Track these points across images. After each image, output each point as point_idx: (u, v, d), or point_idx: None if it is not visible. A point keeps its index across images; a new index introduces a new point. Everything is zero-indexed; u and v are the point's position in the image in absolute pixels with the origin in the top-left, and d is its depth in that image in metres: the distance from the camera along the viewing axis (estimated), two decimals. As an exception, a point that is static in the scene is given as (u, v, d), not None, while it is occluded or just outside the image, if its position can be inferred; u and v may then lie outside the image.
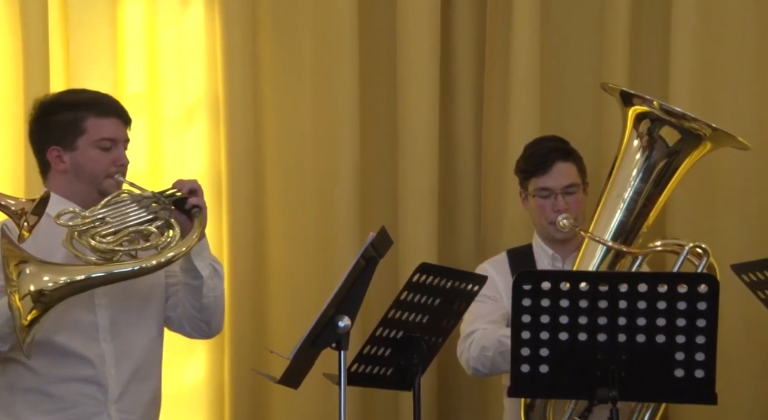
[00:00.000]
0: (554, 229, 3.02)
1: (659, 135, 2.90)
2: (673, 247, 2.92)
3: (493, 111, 3.49)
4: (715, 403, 2.51)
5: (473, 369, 2.98)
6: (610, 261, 2.93)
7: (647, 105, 2.91)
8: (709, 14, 3.33)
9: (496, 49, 3.49)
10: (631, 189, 2.91)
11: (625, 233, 2.92)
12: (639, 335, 2.50)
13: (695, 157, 2.91)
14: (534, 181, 3.05)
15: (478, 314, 2.93)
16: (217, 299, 2.67)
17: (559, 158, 3.04)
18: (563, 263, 3.08)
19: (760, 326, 3.17)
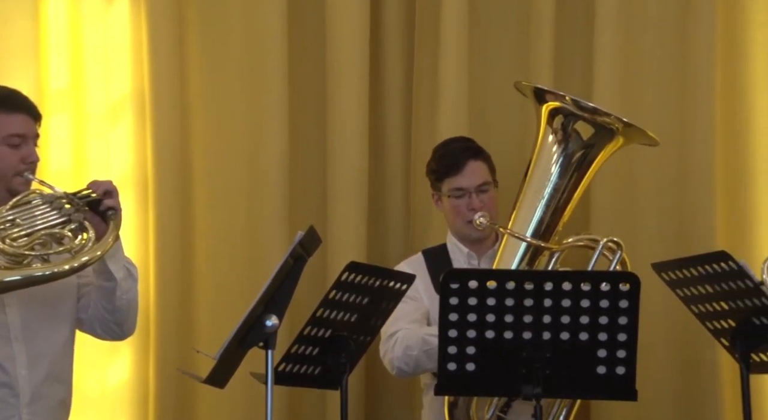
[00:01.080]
0: (471, 228, 3.05)
1: (574, 129, 2.94)
2: (588, 242, 2.96)
3: (422, 110, 3.51)
4: (635, 400, 2.56)
5: (397, 369, 2.99)
6: (530, 257, 2.96)
7: (560, 101, 2.96)
8: (631, 12, 3.39)
9: (425, 49, 3.51)
10: (548, 184, 2.95)
11: (544, 229, 2.96)
12: (563, 333, 2.53)
13: (609, 151, 2.96)
14: (448, 181, 3.08)
15: (399, 314, 2.94)
16: (130, 302, 2.64)
17: (471, 157, 3.07)
18: (479, 261, 3.11)
19: (679, 323, 3.23)
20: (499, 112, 3.52)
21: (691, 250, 3.11)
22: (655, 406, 3.24)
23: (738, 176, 3.33)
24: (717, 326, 2.68)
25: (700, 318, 2.71)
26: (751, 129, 3.33)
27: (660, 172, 3.34)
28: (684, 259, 2.68)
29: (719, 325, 2.67)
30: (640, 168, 3.33)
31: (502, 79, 3.50)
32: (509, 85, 3.34)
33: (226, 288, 3.40)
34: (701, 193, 3.31)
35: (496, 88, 3.52)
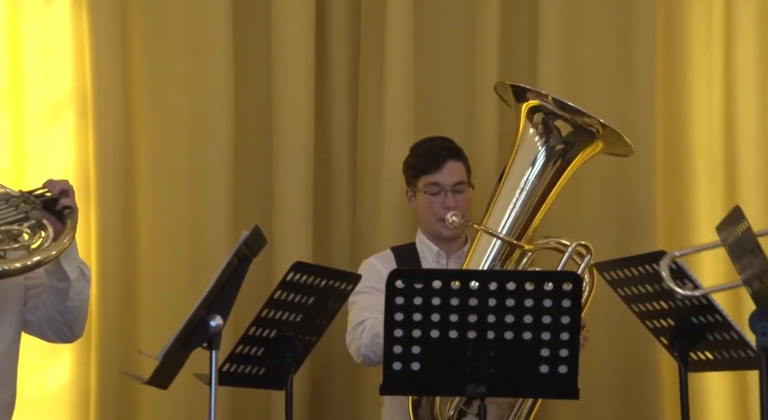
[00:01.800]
0: (443, 225, 3.07)
1: (554, 125, 2.97)
2: (558, 245, 2.99)
3: (368, 111, 3.51)
4: (577, 398, 2.59)
5: (364, 356, 2.99)
6: (503, 255, 2.98)
7: (541, 99, 2.98)
8: (574, 10, 3.43)
9: (371, 50, 3.51)
10: (526, 182, 2.98)
11: (518, 228, 2.98)
12: (507, 332, 2.56)
13: (587, 155, 3.00)
14: (425, 178, 3.10)
15: (368, 305, 2.95)
16: (82, 303, 2.61)
17: (451, 157, 3.10)
18: (448, 261, 3.13)
19: (620, 323, 3.28)
20: (444, 113, 3.54)
21: (633, 249, 3.16)
22: (596, 404, 3.29)
23: (678, 177, 3.39)
24: (657, 325, 2.72)
25: (641, 317, 2.75)
26: (690, 130, 3.39)
27: (603, 173, 3.39)
28: (624, 259, 2.73)
29: (659, 324, 2.71)
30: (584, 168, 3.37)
31: (447, 80, 3.52)
32: (455, 85, 3.38)
33: (170, 288, 3.37)
34: (642, 193, 3.36)
35: (442, 89, 3.54)
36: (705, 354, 2.68)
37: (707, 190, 3.35)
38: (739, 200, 3.23)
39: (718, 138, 3.36)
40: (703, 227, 3.30)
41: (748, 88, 3.32)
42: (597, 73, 3.43)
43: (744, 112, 3.33)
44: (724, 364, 2.67)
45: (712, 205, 3.33)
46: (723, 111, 3.36)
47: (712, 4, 3.37)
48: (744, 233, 2.28)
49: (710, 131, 3.37)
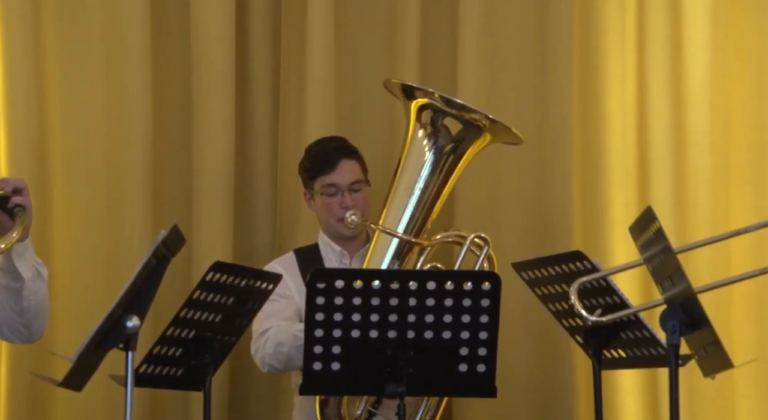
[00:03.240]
0: (342, 225, 3.07)
1: (443, 124, 3.01)
2: (456, 238, 3.03)
3: (290, 109, 3.50)
4: (495, 396, 2.63)
5: (269, 366, 2.98)
6: (401, 253, 3.00)
7: (429, 97, 3.01)
8: (493, 15, 3.47)
9: (291, 50, 3.50)
10: (419, 180, 3.01)
11: (414, 225, 3.01)
12: (427, 332, 2.58)
13: (477, 148, 3.03)
14: (320, 179, 3.10)
15: (270, 312, 2.94)
16: (39, 303, 2.55)
17: (345, 156, 3.10)
18: (350, 260, 3.14)
19: (537, 322, 3.33)
20: (367, 110, 3.55)
21: (549, 249, 3.21)
22: (513, 402, 3.33)
23: (593, 177, 3.45)
24: (572, 324, 2.78)
25: (557, 316, 2.80)
26: (605, 131, 3.46)
27: (521, 172, 3.44)
28: (541, 259, 2.77)
29: (574, 323, 2.77)
30: (503, 167, 3.42)
31: (368, 78, 3.53)
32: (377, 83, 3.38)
33: (86, 289, 3.31)
34: (559, 193, 3.42)
35: (364, 86, 3.54)
36: (618, 352, 2.74)
37: (621, 190, 3.42)
38: (651, 200, 3.31)
39: (632, 139, 3.44)
40: (617, 227, 3.37)
41: (659, 90, 3.41)
42: (515, 75, 3.48)
43: (656, 114, 3.41)
44: (636, 361, 2.74)
45: (625, 205, 3.40)
46: (636, 112, 3.43)
47: (625, 10, 3.44)
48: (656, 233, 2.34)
49: (624, 132, 3.45)
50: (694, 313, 2.26)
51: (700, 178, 3.35)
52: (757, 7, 3.36)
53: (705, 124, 3.36)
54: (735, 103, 3.38)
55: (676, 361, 2.27)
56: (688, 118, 3.38)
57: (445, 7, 3.53)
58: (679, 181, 3.37)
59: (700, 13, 3.36)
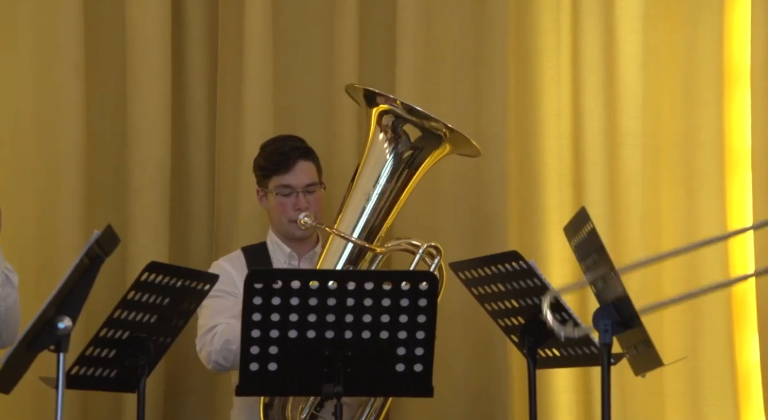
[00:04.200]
0: (295, 226, 3.06)
1: (403, 130, 3.01)
2: (409, 246, 3.04)
3: (227, 108, 3.48)
4: (431, 396, 2.64)
5: (214, 362, 2.96)
6: (354, 258, 3.01)
7: (390, 104, 3.02)
8: (430, 17, 3.49)
9: (229, 46, 3.48)
10: (376, 185, 3.01)
11: (369, 231, 3.01)
12: (364, 332, 2.58)
13: (436, 157, 3.05)
14: (275, 179, 3.09)
15: (218, 309, 2.92)
16: (8, 309, 2.52)
17: (301, 157, 3.09)
18: (299, 262, 3.13)
19: (474, 321, 3.36)
20: (303, 112, 3.54)
21: (486, 249, 3.24)
22: (449, 401, 3.35)
23: (529, 179, 3.49)
24: (508, 323, 2.80)
25: (493, 316, 2.83)
26: (540, 133, 3.49)
27: (458, 173, 3.46)
28: (478, 259, 2.80)
29: (510, 323, 2.80)
30: (440, 169, 3.44)
31: (306, 79, 3.52)
32: (315, 82, 3.38)
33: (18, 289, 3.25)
34: (495, 194, 3.44)
35: (301, 88, 3.54)
36: (552, 351, 2.78)
37: (556, 191, 3.47)
38: (585, 201, 3.35)
39: (566, 141, 3.48)
40: (552, 228, 3.41)
41: (593, 93, 3.45)
42: (452, 76, 3.50)
43: (589, 116, 3.45)
44: (570, 360, 2.77)
45: (560, 206, 3.45)
46: (570, 115, 3.48)
47: (560, 12, 3.49)
48: (589, 234, 2.38)
49: (558, 134, 3.49)
50: (625, 313, 2.30)
51: (632, 180, 3.41)
52: (688, 9, 3.43)
53: (637, 126, 3.42)
54: (666, 105, 3.44)
55: (609, 359, 2.31)
56: (621, 120, 3.43)
57: (383, 7, 3.54)
58: (612, 183, 3.42)
59: (632, 16, 3.41)
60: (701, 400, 3.34)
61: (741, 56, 3.40)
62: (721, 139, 3.39)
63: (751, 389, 3.34)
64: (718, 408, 3.33)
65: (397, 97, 3.03)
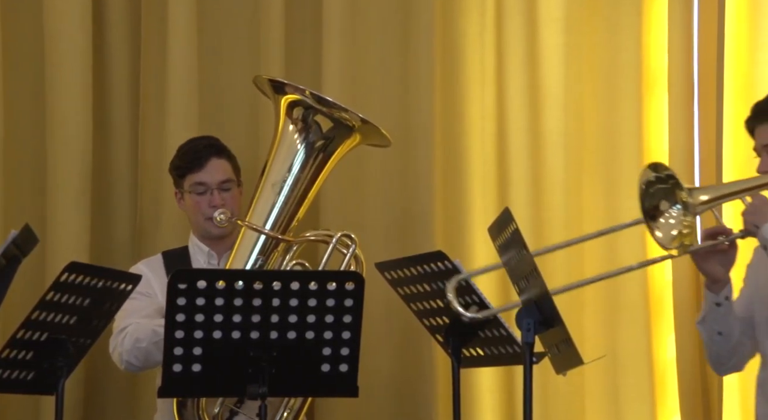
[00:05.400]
0: (211, 224, 3.05)
1: (314, 120, 3.01)
2: (324, 237, 3.03)
3: (150, 108, 3.44)
4: (356, 396, 2.64)
5: (126, 362, 2.93)
6: (267, 249, 2.98)
7: (299, 93, 3.01)
8: (356, 15, 3.49)
9: (152, 45, 3.44)
10: (287, 176, 3.00)
11: (282, 222, 3.00)
12: (290, 332, 2.57)
13: (346, 148, 3.04)
14: (190, 177, 3.07)
15: (131, 310, 2.89)
16: None
17: (214, 154, 3.08)
18: (219, 261, 3.11)
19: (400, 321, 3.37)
20: (229, 110, 3.51)
21: (412, 249, 3.25)
22: (375, 401, 3.36)
23: (455, 179, 3.51)
24: (433, 323, 2.82)
25: (418, 315, 2.84)
26: (466, 133, 3.52)
27: (384, 172, 3.47)
28: (404, 259, 2.81)
29: (435, 322, 2.81)
30: (367, 167, 3.44)
31: (233, 76, 3.49)
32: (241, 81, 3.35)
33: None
34: (422, 193, 3.46)
35: (227, 86, 3.51)
36: (477, 350, 2.80)
37: (481, 191, 3.50)
38: (509, 202, 3.40)
39: (491, 141, 3.52)
40: (477, 228, 3.44)
41: (516, 93, 3.49)
42: (378, 75, 3.51)
43: (513, 116, 3.49)
44: (494, 359, 2.80)
45: (485, 206, 3.48)
46: (494, 115, 3.51)
47: (484, 13, 3.52)
48: (513, 234, 2.41)
49: (483, 134, 3.52)
50: (548, 312, 2.33)
51: (555, 180, 3.46)
52: (608, 13, 3.49)
53: (559, 127, 3.47)
54: (588, 106, 3.50)
55: (531, 358, 2.34)
56: (544, 120, 3.48)
57: (309, 6, 3.53)
58: (536, 183, 3.47)
59: (554, 18, 3.45)
60: (620, 398, 3.41)
61: (659, 60, 3.48)
62: (640, 140, 3.46)
63: (666, 386, 3.43)
64: (635, 405, 3.40)
65: (306, 87, 3.02)
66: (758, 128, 2.63)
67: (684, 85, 3.43)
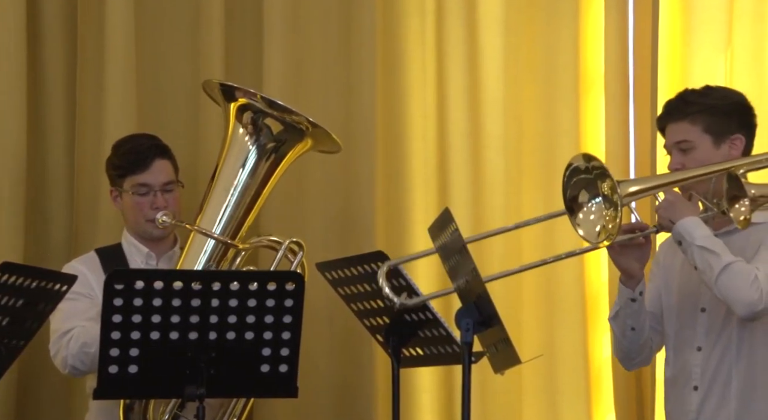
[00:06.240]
0: (152, 226, 3.01)
1: (264, 123, 2.99)
2: (271, 242, 3.02)
3: (87, 108, 3.39)
4: (296, 396, 2.64)
5: (71, 367, 2.89)
6: (217, 255, 2.96)
7: (249, 98, 3.00)
8: (297, 17, 3.48)
9: (89, 43, 3.38)
10: (238, 181, 2.98)
11: (231, 227, 2.98)
12: (229, 333, 2.56)
13: (298, 151, 3.04)
14: (131, 178, 3.03)
15: (73, 312, 2.85)
16: None
17: (158, 155, 3.04)
18: (157, 261, 3.07)
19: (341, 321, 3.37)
20: (169, 111, 3.47)
21: (353, 249, 3.26)
22: (314, 401, 3.35)
23: (396, 179, 3.52)
24: (373, 323, 2.83)
25: (359, 315, 2.85)
26: (407, 133, 3.53)
27: (325, 172, 3.46)
28: (344, 259, 2.81)
29: (375, 322, 2.82)
30: (308, 167, 3.43)
31: (172, 77, 3.46)
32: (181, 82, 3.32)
33: None
34: (363, 193, 3.46)
35: (166, 87, 3.47)
36: (416, 350, 2.82)
37: (422, 191, 3.51)
38: (449, 202, 3.42)
39: (432, 142, 3.54)
40: (417, 228, 3.45)
41: (457, 94, 3.51)
42: (320, 76, 3.50)
43: (454, 117, 3.52)
44: (433, 359, 2.82)
45: (426, 207, 3.50)
46: (436, 116, 3.53)
47: (425, 15, 3.54)
48: (452, 234, 2.43)
49: (425, 135, 3.54)
50: (486, 312, 2.35)
51: (495, 181, 3.49)
52: (546, 15, 3.53)
53: (499, 128, 3.50)
54: (526, 106, 3.54)
55: (469, 358, 2.36)
56: (484, 122, 3.51)
57: (249, 7, 3.51)
58: (476, 184, 3.49)
59: (493, 19, 3.48)
60: (556, 396, 3.45)
61: (595, 62, 3.53)
62: (578, 140, 3.51)
63: (602, 385, 3.48)
64: (571, 403, 3.45)
65: (257, 91, 3.00)
66: (669, 127, 2.68)
67: (620, 86, 3.49)
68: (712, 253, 2.49)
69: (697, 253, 2.51)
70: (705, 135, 2.62)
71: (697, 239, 2.50)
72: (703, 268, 2.51)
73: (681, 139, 2.63)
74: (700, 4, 3.43)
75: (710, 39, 3.42)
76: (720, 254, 2.50)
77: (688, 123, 2.62)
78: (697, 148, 2.62)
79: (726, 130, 2.63)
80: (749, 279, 2.47)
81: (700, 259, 2.51)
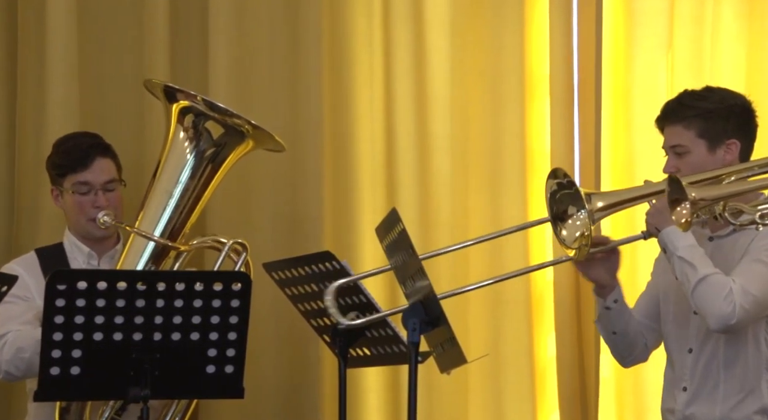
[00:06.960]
0: (94, 225, 2.97)
1: (204, 128, 2.97)
2: (214, 243, 3.00)
3: (28, 106, 3.33)
4: (242, 397, 2.62)
5: (5, 373, 2.84)
6: (156, 257, 2.94)
7: (191, 100, 2.97)
8: (243, 17, 3.46)
9: (29, 40, 3.33)
10: (178, 183, 2.96)
11: (172, 229, 2.95)
12: (174, 333, 2.53)
13: (239, 153, 3.02)
14: (72, 176, 2.98)
15: (8, 315, 2.80)
16: None
17: (99, 154, 3.00)
18: (99, 261, 3.04)
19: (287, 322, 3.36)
20: (112, 111, 3.43)
21: (301, 249, 3.24)
22: (260, 402, 3.34)
23: (344, 180, 3.52)
24: (320, 323, 2.82)
25: (306, 316, 2.84)
26: (355, 134, 3.53)
27: (273, 173, 3.45)
28: (292, 259, 2.80)
29: (322, 323, 2.81)
30: (255, 168, 3.42)
31: (115, 78, 3.41)
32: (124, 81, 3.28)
33: None
34: (311, 194, 3.45)
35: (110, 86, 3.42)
36: (363, 350, 2.81)
37: (370, 192, 3.52)
38: (397, 203, 3.42)
39: (380, 143, 3.54)
40: (365, 228, 3.45)
41: (404, 95, 3.52)
42: (266, 76, 3.48)
43: (401, 119, 3.52)
44: (380, 359, 2.82)
45: (373, 207, 3.50)
46: (383, 117, 3.54)
47: (372, 16, 3.54)
48: (399, 234, 2.43)
49: (372, 136, 3.54)
50: (433, 312, 2.36)
51: (441, 182, 3.51)
52: (492, 18, 3.56)
53: (446, 130, 3.52)
54: (473, 109, 3.56)
55: (416, 357, 2.36)
56: (431, 122, 3.52)
57: (195, 6, 3.48)
58: (423, 185, 3.51)
59: (439, 21, 3.50)
60: (502, 395, 3.48)
61: (541, 65, 3.57)
62: (523, 143, 3.54)
63: (546, 384, 3.52)
64: (517, 402, 3.48)
65: (198, 93, 2.98)
66: (666, 129, 2.68)
67: (565, 90, 3.54)
68: (690, 264, 2.49)
69: (677, 263, 2.51)
70: (699, 140, 2.61)
71: (679, 249, 2.50)
72: (682, 279, 2.52)
73: (676, 143, 2.63)
74: (642, 9, 3.49)
75: (652, 42, 3.49)
76: (697, 266, 2.49)
77: (682, 127, 2.62)
78: (691, 153, 2.61)
79: (721, 135, 2.61)
80: (723, 292, 2.47)
81: (679, 270, 2.52)
